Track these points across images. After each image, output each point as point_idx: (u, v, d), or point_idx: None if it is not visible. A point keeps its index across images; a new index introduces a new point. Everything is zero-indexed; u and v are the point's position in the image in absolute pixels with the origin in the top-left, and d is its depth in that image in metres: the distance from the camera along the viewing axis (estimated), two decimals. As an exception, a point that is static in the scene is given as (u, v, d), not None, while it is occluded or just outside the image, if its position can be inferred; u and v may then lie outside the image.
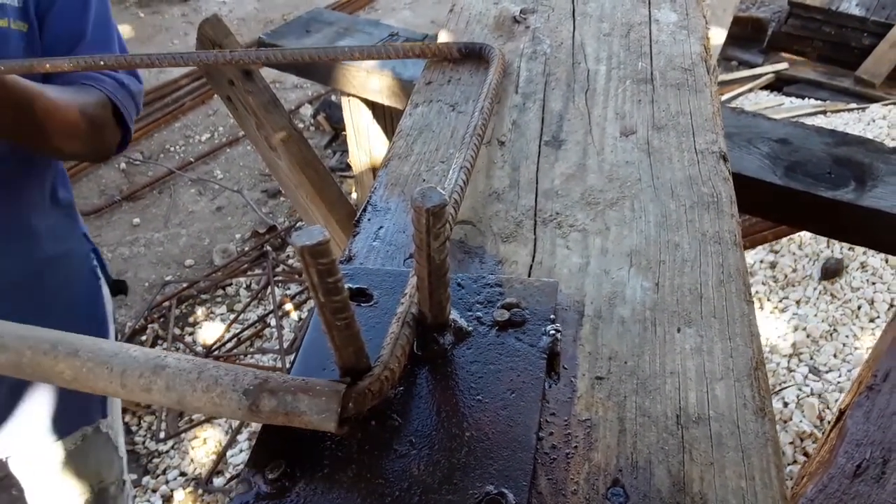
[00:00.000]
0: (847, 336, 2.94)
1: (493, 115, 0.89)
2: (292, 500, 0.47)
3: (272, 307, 3.65)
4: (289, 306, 3.75)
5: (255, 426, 3.12)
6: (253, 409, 0.48)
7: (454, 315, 0.58)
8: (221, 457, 3.05)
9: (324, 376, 0.55)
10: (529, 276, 0.66)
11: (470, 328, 0.58)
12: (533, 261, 0.68)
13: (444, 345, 0.56)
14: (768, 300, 3.16)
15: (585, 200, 0.75)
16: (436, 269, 0.51)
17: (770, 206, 1.24)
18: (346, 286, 0.47)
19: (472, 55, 0.99)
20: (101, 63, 1.02)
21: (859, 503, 0.84)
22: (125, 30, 6.38)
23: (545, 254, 0.68)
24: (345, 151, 4.74)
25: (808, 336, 2.96)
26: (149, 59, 1.04)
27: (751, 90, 5.03)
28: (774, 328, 3.04)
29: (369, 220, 0.75)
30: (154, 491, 2.98)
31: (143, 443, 3.17)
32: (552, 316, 0.58)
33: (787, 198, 1.21)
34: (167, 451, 3.13)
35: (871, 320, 2.97)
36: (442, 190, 0.52)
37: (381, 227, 0.73)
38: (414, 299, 0.56)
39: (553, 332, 0.57)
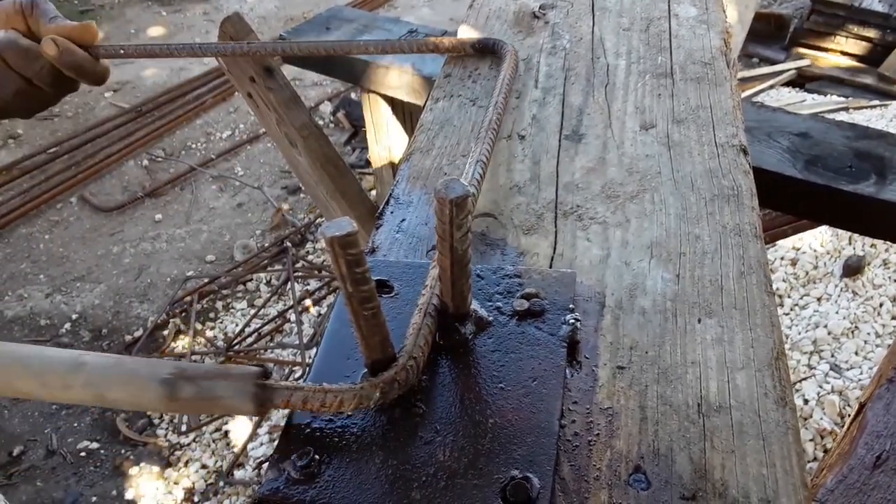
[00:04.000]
0: (868, 333, 2.91)
1: (508, 110, 0.89)
2: (321, 485, 0.48)
3: (292, 302, 3.68)
4: (308, 302, 3.77)
5: (277, 419, 3.15)
6: (171, 399, 0.49)
7: (475, 305, 0.59)
8: (242, 450, 3.08)
9: (347, 366, 0.56)
10: (551, 267, 0.67)
11: (490, 318, 0.59)
12: (554, 253, 0.69)
13: (466, 334, 0.57)
14: (789, 297, 3.14)
15: (606, 193, 0.75)
16: (458, 259, 0.52)
17: (790, 199, 1.24)
18: (368, 277, 0.48)
19: (485, 51, 1.00)
20: (122, 52, 1.03)
21: (879, 494, 0.84)
22: (146, 28, 6.44)
23: (566, 246, 0.69)
24: (364, 148, 4.76)
25: (829, 333, 2.94)
26: (168, 48, 1.06)
27: (772, 87, 4.98)
28: (795, 325, 3.02)
29: (392, 212, 0.76)
30: (176, 483, 3.02)
31: (165, 436, 3.21)
32: (571, 305, 0.59)
33: (807, 191, 1.20)
34: (189, 444, 3.16)
35: (894, 318, 2.94)
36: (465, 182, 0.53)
37: (403, 219, 0.74)
38: (435, 290, 0.57)
39: (572, 321, 0.58)
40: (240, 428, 3.19)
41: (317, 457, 0.50)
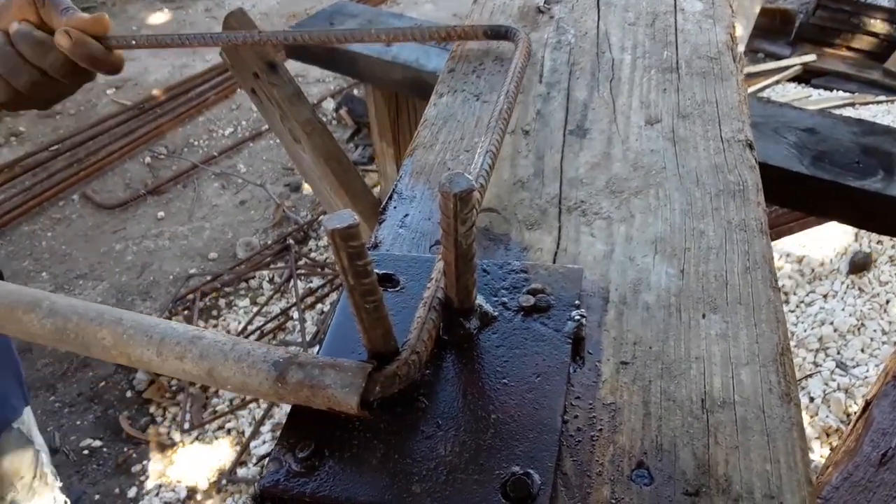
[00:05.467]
0: (875, 331, 2.90)
1: (517, 101, 0.89)
2: (322, 477, 0.48)
3: (295, 300, 3.68)
4: (311, 299, 3.77)
5: (279, 417, 3.15)
6: (280, 382, 0.49)
7: (480, 300, 0.58)
8: (245, 448, 3.08)
9: (352, 359, 0.56)
10: (554, 262, 0.67)
11: (495, 313, 0.58)
12: (558, 248, 0.68)
13: (470, 329, 0.57)
14: (795, 294, 3.13)
15: (610, 189, 0.75)
16: (462, 253, 0.51)
17: (797, 195, 1.23)
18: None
19: (497, 37, 1.00)
20: (133, 43, 1.03)
21: (884, 491, 0.83)
22: (149, 24, 6.45)
23: (570, 241, 0.69)
24: (367, 145, 4.75)
25: (835, 330, 2.93)
26: (179, 39, 1.06)
27: (778, 82, 4.97)
28: (801, 322, 3.01)
29: (395, 207, 0.75)
30: (179, 481, 3.03)
31: (168, 433, 3.21)
32: (577, 302, 0.59)
33: (814, 187, 1.19)
34: (192, 442, 3.17)
35: (899, 315, 2.93)
36: (469, 175, 0.52)
37: (406, 214, 0.74)
38: (440, 284, 0.57)
39: (578, 317, 0.57)
40: (243, 426, 3.19)
41: (318, 450, 0.50)
